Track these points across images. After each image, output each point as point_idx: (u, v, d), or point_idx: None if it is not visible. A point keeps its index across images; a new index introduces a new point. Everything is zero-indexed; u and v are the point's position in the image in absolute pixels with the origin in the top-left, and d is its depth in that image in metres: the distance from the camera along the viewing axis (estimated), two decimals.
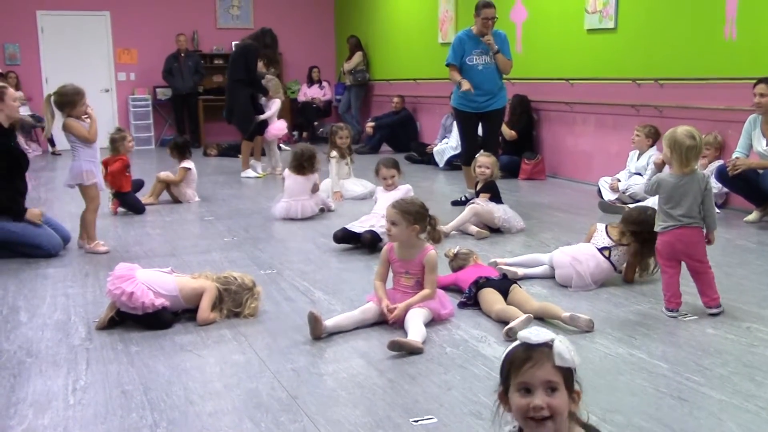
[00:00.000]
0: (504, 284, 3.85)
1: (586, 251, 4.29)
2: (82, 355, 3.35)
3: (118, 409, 2.79)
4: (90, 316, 3.88)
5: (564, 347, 1.68)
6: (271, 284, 4.42)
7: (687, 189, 3.57)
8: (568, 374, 1.69)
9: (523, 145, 8.90)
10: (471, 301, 3.88)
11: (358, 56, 13.12)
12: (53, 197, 7.55)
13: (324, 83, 13.90)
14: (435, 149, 10.07)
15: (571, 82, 8.36)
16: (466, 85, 6.54)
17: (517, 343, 1.73)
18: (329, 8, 14.64)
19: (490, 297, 3.77)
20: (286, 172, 6.65)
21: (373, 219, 5.31)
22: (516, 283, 3.93)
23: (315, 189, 6.61)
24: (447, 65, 6.81)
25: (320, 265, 4.89)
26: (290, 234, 5.77)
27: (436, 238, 3.83)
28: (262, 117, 9.16)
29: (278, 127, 9.43)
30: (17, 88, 12.13)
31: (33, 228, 5.14)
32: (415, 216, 3.70)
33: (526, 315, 3.49)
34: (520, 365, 1.68)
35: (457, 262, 4.34)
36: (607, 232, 4.33)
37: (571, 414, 1.71)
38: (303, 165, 6.51)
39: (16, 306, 4.11)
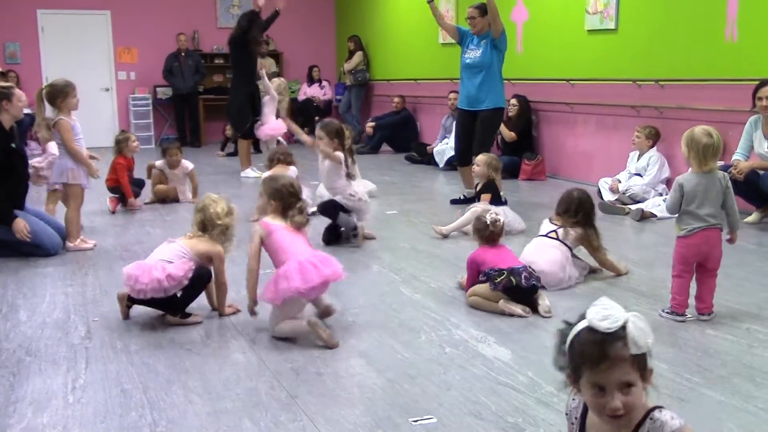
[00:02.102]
0: (530, 293, 3.82)
1: (535, 249, 4.32)
2: (81, 353, 3.35)
3: (117, 407, 2.79)
4: (89, 315, 3.88)
5: (637, 331, 1.57)
6: None
7: (709, 187, 3.56)
8: (642, 360, 1.60)
9: (523, 145, 8.90)
10: (488, 281, 3.85)
11: (358, 56, 13.12)
12: None
13: (324, 83, 13.90)
14: (435, 149, 10.07)
15: (571, 82, 8.36)
16: None
17: (585, 326, 1.62)
18: (330, 8, 14.64)
19: (482, 300, 3.85)
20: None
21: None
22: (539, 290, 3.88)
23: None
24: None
25: None
26: None
27: (297, 222, 3.65)
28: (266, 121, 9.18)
29: (273, 127, 9.26)
30: (17, 87, 12.13)
31: (33, 227, 5.13)
32: (271, 192, 3.68)
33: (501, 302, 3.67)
34: (595, 364, 1.57)
35: (489, 234, 4.08)
36: (550, 220, 4.42)
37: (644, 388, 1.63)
38: (273, 159, 6.57)
39: (15, 304, 4.11)
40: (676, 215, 3.67)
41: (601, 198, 6.89)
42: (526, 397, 2.82)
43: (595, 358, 1.57)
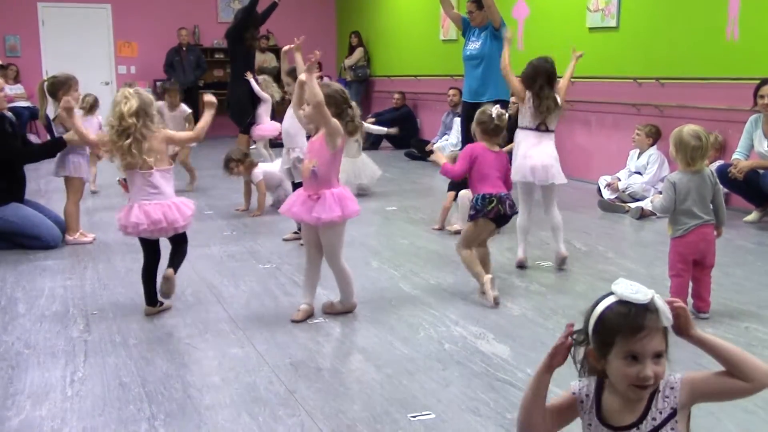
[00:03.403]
0: (507, 219, 4.01)
1: (533, 147, 4.57)
2: (80, 347, 3.35)
3: (115, 401, 2.79)
4: (88, 308, 3.88)
5: (664, 305, 1.64)
6: (270, 279, 4.42)
7: (700, 185, 3.58)
8: (666, 334, 1.68)
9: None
10: (479, 214, 3.91)
11: (358, 52, 13.10)
12: (52, 188, 7.53)
13: (325, 79, 13.85)
14: (435, 146, 10.04)
15: (571, 80, 8.33)
16: None
17: (614, 300, 1.64)
18: (330, 3, 14.62)
19: (477, 233, 3.94)
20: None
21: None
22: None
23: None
24: None
25: None
26: (289, 229, 5.75)
27: (351, 129, 3.67)
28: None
29: (266, 128, 8.92)
30: (17, 80, 12.12)
31: (32, 219, 5.14)
32: (326, 99, 3.56)
33: (489, 277, 3.88)
34: (633, 334, 1.60)
35: (494, 127, 3.98)
36: (535, 109, 4.61)
37: None
38: (229, 165, 6.47)
39: (14, 297, 4.11)
40: (669, 215, 3.68)
41: (601, 196, 6.88)
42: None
43: (634, 328, 1.61)
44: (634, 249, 5.25)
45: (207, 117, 3.84)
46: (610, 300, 1.65)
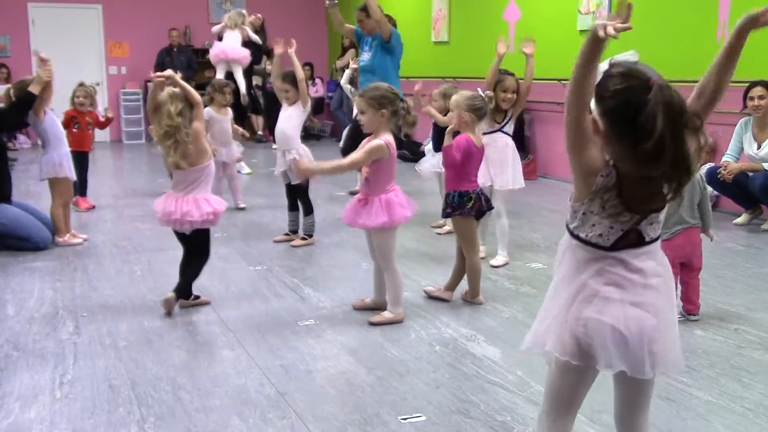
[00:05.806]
0: (482, 214, 4.05)
1: (495, 155, 4.91)
2: (69, 349, 3.34)
3: (105, 403, 2.78)
4: (78, 310, 3.87)
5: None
6: (261, 281, 4.41)
7: (690, 189, 3.58)
8: None
9: (515, 145, 8.89)
10: (456, 212, 3.95)
11: (350, 53, 13.09)
12: (41, 190, 7.49)
13: (317, 80, 13.86)
14: (426, 148, 10.04)
15: (563, 82, 8.36)
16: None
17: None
18: (322, 4, 14.58)
19: (465, 229, 3.94)
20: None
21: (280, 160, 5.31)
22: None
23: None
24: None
25: (310, 262, 4.89)
26: (280, 230, 5.74)
27: (410, 122, 3.66)
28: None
29: None
30: (8, 80, 12.05)
31: (21, 220, 5.12)
32: (379, 101, 3.53)
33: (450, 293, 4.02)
34: None
35: (493, 107, 4.18)
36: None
37: None
38: (211, 94, 6.55)
39: (3, 299, 4.08)
40: None
41: None
42: (515, 395, 2.82)
43: None
44: None
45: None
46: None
